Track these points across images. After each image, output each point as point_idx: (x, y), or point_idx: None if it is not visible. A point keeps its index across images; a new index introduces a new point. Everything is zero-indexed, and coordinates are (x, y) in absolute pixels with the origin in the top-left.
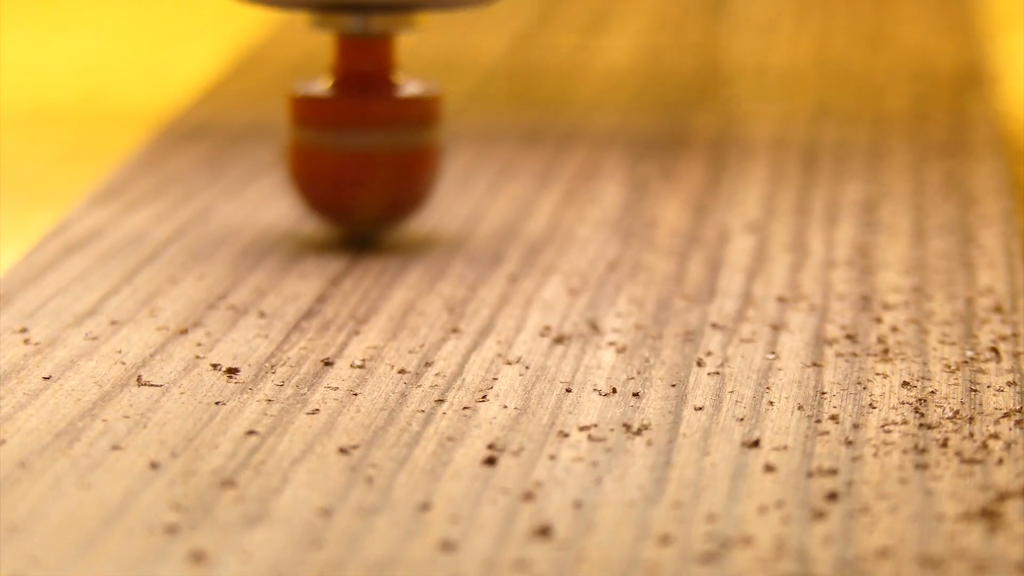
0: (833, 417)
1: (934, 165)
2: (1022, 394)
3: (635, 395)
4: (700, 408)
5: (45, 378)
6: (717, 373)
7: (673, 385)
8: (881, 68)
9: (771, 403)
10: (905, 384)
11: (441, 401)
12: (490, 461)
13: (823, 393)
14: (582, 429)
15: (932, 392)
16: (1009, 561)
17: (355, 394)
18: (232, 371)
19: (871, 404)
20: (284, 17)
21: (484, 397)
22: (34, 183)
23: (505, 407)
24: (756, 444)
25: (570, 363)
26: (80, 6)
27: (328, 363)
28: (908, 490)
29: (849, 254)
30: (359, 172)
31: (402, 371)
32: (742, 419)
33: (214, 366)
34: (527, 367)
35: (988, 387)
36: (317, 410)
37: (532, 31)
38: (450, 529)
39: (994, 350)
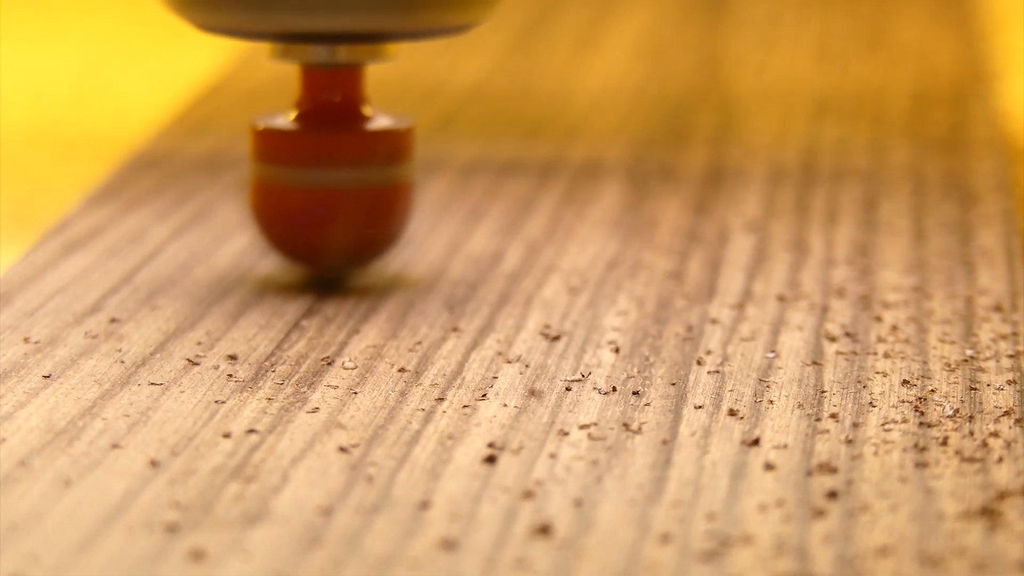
0: (833, 416)
1: (934, 164)
2: (1022, 392)
3: (635, 393)
4: (700, 407)
5: (45, 376)
6: (717, 371)
7: (673, 384)
8: (881, 67)
9: (771, 402)
10: (905, 383)
11: (441, 400)
12: (490, 459)
13: (823, 392)
14: (582, 427)
15: (932, 391)
16: (1009, 560)
17: (355, 392)
18: (232, 357)
19: (871, 403)
20: None
21: (484, 395)
22: (34, 182)
23: (505, 405)
24: (756, 443)
25: (570, 362)
26: (80, 6)
27: (328, 362)
28: (908, 489)
29: (849, 253)
30: (326, 211)
31: (402, 370)
32: (742, 417)
33: (214, 365)
34: (527, 365)
35: (988, 385)
36: (317, 408)
37: (524, 43)
38: (450, 527)
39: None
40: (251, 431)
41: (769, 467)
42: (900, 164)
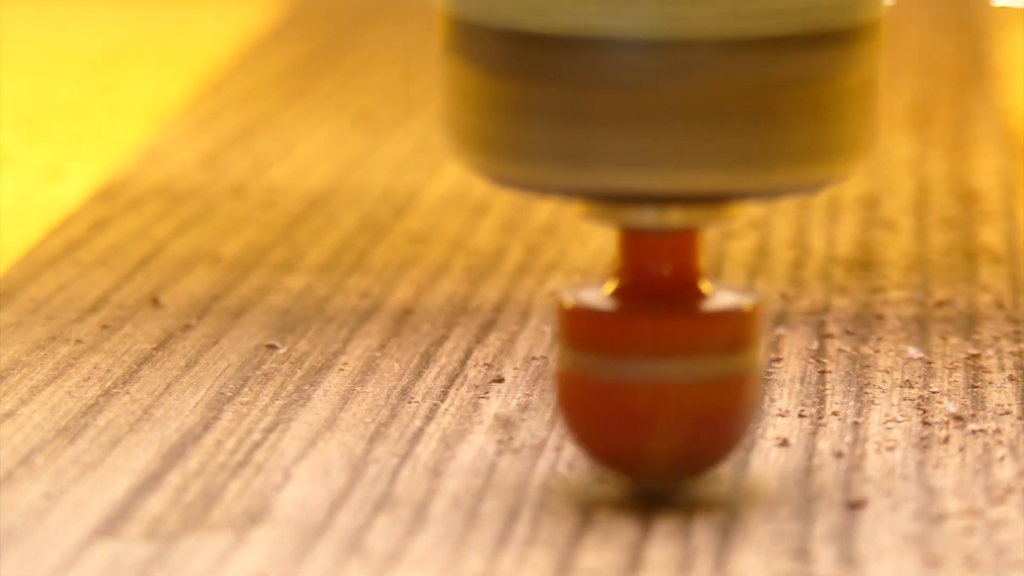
0: (835, 413)
1: (936, 161)
2: None
3: None
4: None
5: (47, 374)
6: None
7: None
8: (883, 64)
9: (772, 400)
10: (907, 381)
11: (444, 397)
12: (492, 458)
13: (825, 390)
14: None
15: (934, 390)
16: (1010, 559)
17: (357, 390)
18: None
19: (872, 400)
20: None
21: (487, 393)
22: (37, 178)
23: (508, 404)
24: (757, 440)
25: None
26: (85, 1)
27: (331, 359)
28: (909, 487)
29: (851, 250)
30: (649, 411)
31: (405, 367)
32: None
33: (217, 363)
34: (530, 363)
35: (990, 384)
36: (320, 406)
37: None
38: (452, 526)
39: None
40: (253, 429)
41: (770, 465)
42: (902, 160)
